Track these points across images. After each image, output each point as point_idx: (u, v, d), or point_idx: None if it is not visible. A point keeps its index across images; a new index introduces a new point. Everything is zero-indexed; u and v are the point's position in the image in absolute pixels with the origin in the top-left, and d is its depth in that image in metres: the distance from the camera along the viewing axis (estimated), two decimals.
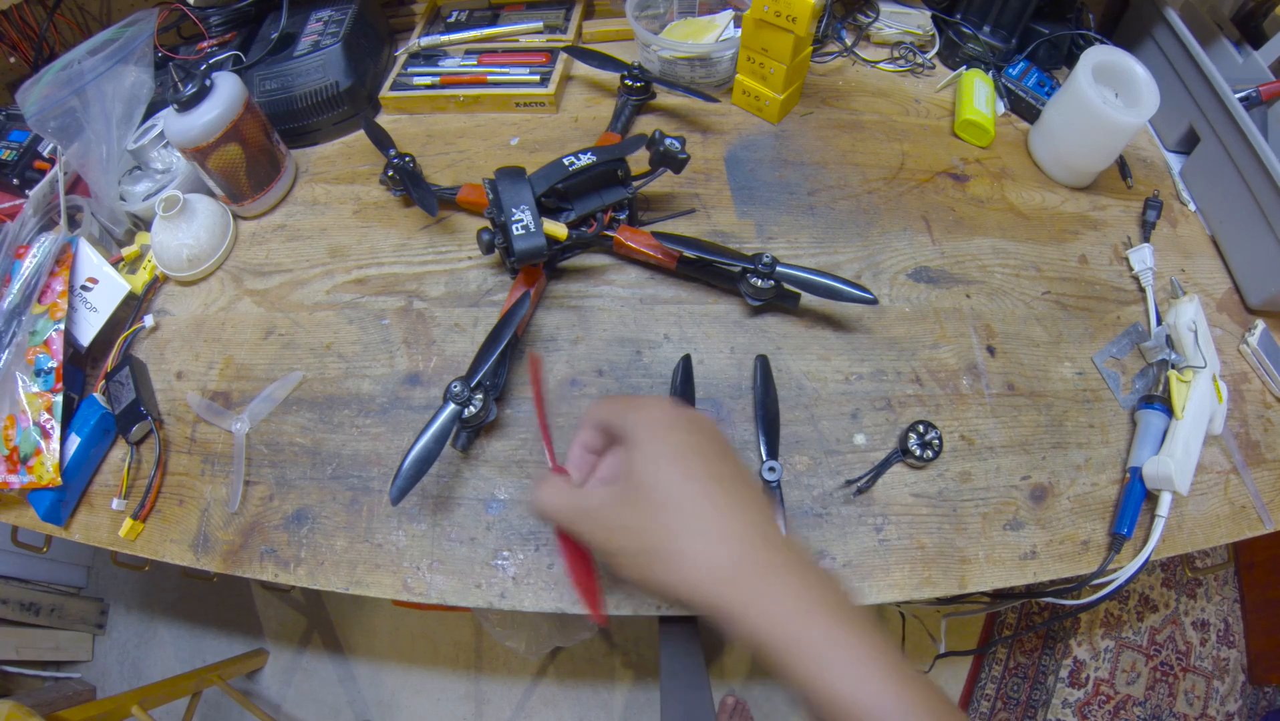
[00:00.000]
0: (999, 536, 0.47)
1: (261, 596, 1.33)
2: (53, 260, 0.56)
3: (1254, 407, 0.53)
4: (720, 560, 0.28)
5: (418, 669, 1.24)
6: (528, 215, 0.49)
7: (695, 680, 0.42)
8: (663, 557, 0.29)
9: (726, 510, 0.29)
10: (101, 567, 1.38)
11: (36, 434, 0.50)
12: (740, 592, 0.28)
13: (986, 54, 0.69)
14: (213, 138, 0.56)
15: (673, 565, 0.29)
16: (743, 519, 0.29)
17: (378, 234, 0.62)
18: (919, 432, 0.48)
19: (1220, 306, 0.58)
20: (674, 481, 0.30)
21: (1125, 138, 0.58)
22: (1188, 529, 0.48)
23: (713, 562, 0.28)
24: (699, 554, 0.28)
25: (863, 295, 0.49)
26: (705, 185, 0.62)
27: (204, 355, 0.57)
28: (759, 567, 0.28)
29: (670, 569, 0.29)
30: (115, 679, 1.30)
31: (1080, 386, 0.53)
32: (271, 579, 0.47)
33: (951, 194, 0.62)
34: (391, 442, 0.51)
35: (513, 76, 0.69)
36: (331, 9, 0.69)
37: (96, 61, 0.59)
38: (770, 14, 0.57)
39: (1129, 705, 1.17)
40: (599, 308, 0.56)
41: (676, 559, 0.29)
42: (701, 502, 0.29)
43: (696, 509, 0.29)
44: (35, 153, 0.64)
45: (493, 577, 0.46)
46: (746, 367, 0.52)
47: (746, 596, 0.27)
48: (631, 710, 1.18)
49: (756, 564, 0.28)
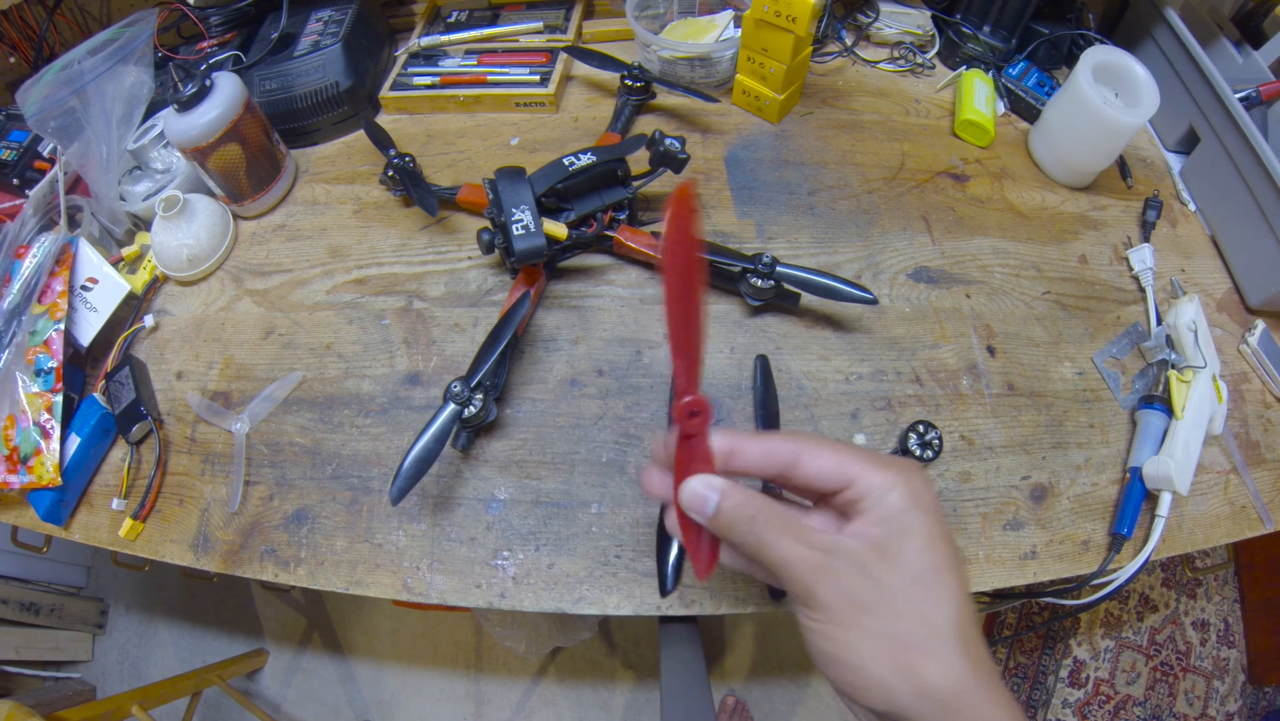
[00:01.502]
0: (999, 536, 0.47)
1: (261, 596, 1.33)
2: (53, 260, 0.56)
3: (1254, 407, 0.53)
4: (973, 675, 0.25)
5: (418, 669, 1.24)
6: (528, 215, 0.49)
7: (695, 680, 0.42)
8: (907, 652, 0.25)
9: (977, 624, 0.26)
10: (101, 567, 1.38)
11: (36, 434, 0.50)
12: (965, 711, 0.24)
13: (986, 54, 0.69)
14: (213, 138, 0.56)
15: (918, 664, 0.25)
16: (975, 628, 0.26)
17: (378, 234, 0.62)
18: (919, 432, 0.48)
19: (1220, 306, 0.58)
20: (946, 573, 0.26)
21: (1125, 138, 0.58)
22: (1188, 529, 0.48)
23: (964, 676, 0.25)
24: (953, 661, 0.25)
25: (863, 295, 0.49)
26: (705, 185, 0.62)
27: (204, 355, 0.57)
28: (985, 691, 0.25)
29: (913, 667, 0.25)
30: (115, 679, 1.30)
31: (1080, 386, 0.53)
32: (271, 579, 0.47)
33: (951, 194, 0.62)
34: (391, 442, 0.51)
35: (513, 76, 0.69)
36: (331, 9, 0.69)
37: (96, 61, 0.59)
38: (770, 14, 0.57)
39: (1129, 705, 1.17)
40: (599, 308, 0.56)
41: (926, 658, 0.25)
42: (968, 604, 0.26)
43: (963, 610, 0.26)
44: (35, 153, 0.64)
45: (493, 577, 0.46)
46: (746, 367, 0.52)
47: (970, 714, 0.24)
48: (631, 710, 1.18)
49: (996, 688, 0.25)
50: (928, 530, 0.26)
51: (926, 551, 0.26)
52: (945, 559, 0.26)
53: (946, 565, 0.26)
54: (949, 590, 0.26)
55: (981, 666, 0.25)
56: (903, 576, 0.26)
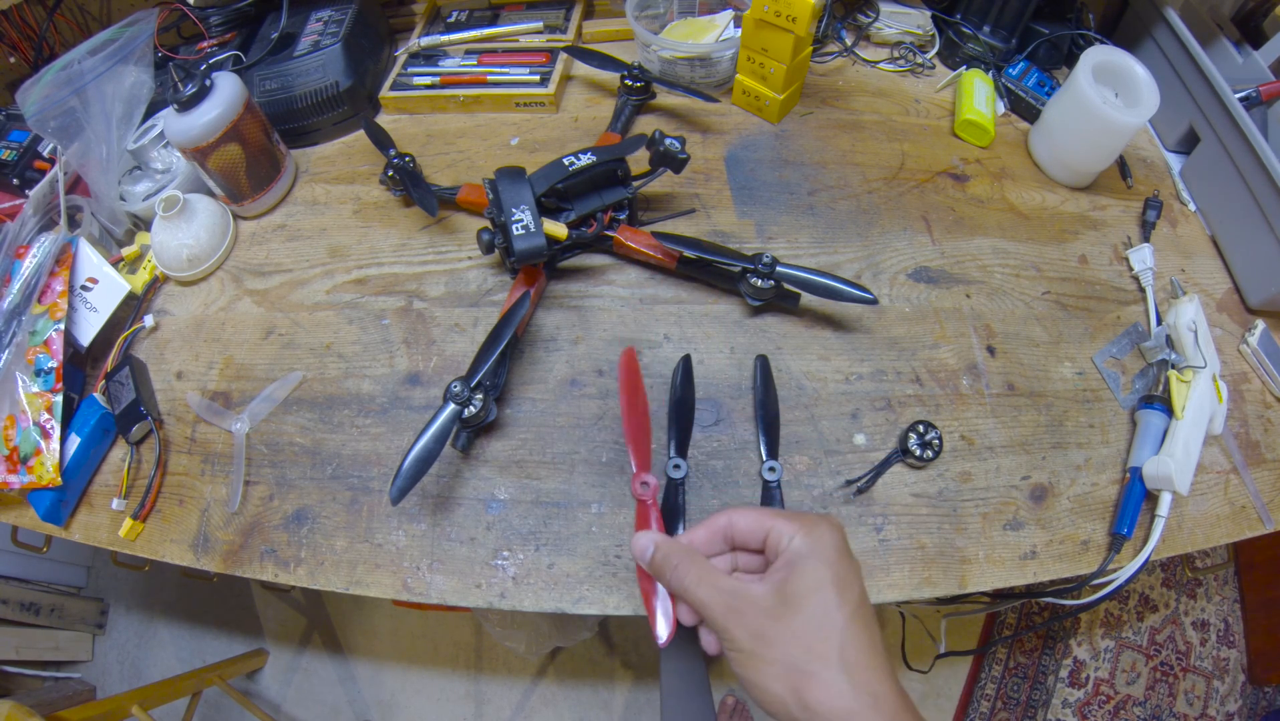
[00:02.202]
0: (999, 536, 0.47)
1: (261, 596, 1.33)
2: (53, 260, 0.56)
3: (1254, 408, 0.53)
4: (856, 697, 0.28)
5: (418, 669, 1.24)
6: (528, 215, 0.49)
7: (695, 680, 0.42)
8: (817, 682, 0.29)
9: (869, 651, 0.30)
10: (101, 567, 1.38)
11: (36, 434, 0.50)
12: None
13: (986, 54, 0.69)
14: (213, 138, 0.56)
15: (805, 687, 0.29)
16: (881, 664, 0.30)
17: (378, 234, 0.62)
18: (919, 432, 0.48)
19: (1220, 306, 0.58)
20: (832, 608, 0.30)
21: (1125, 138, 0.58)
22: (1188, 529, 0.48)
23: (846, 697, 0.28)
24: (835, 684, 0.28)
25: (862, 295, 0.49)
26: (705, 185, 0.62)
27: (204, 355, 0.57)
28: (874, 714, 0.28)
29: (800, 689, 0.29)
30: (115, 679, 1.30)
31: (1080, 386, 0.53)
32: (271, 579, 0.47)
33: (951, 194, 0.62)
34: (391, 443, 0.51)
35: (513, 76, 0.69)
36: (331, 9, 0.69)
37: (96, 61, 0.59)
38: (770, 14, 0.57)
39: (1129, 705, 1.17)
40: (599, 308, 0.56)
41: (812, 682, 0.29)
42: (853, 635, 0.30)
43: (864, 641, 0.30)
44: (35, 153, 0.64)
45: (493, 577, 0.46)
46: (746, 367, 0.52)
47: None
48: (631, 710, 1.18)
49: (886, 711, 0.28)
50: (819, 572, 0.31)
51: (816, 590, 0.30)
52: (835, 596, 0.30)
53: (836, 601, 0.30)
54: (835, 625, 0.29)
55: (871, 690, 0.28)
56: (795, 612, 0.30)
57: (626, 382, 0.47)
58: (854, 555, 0.33)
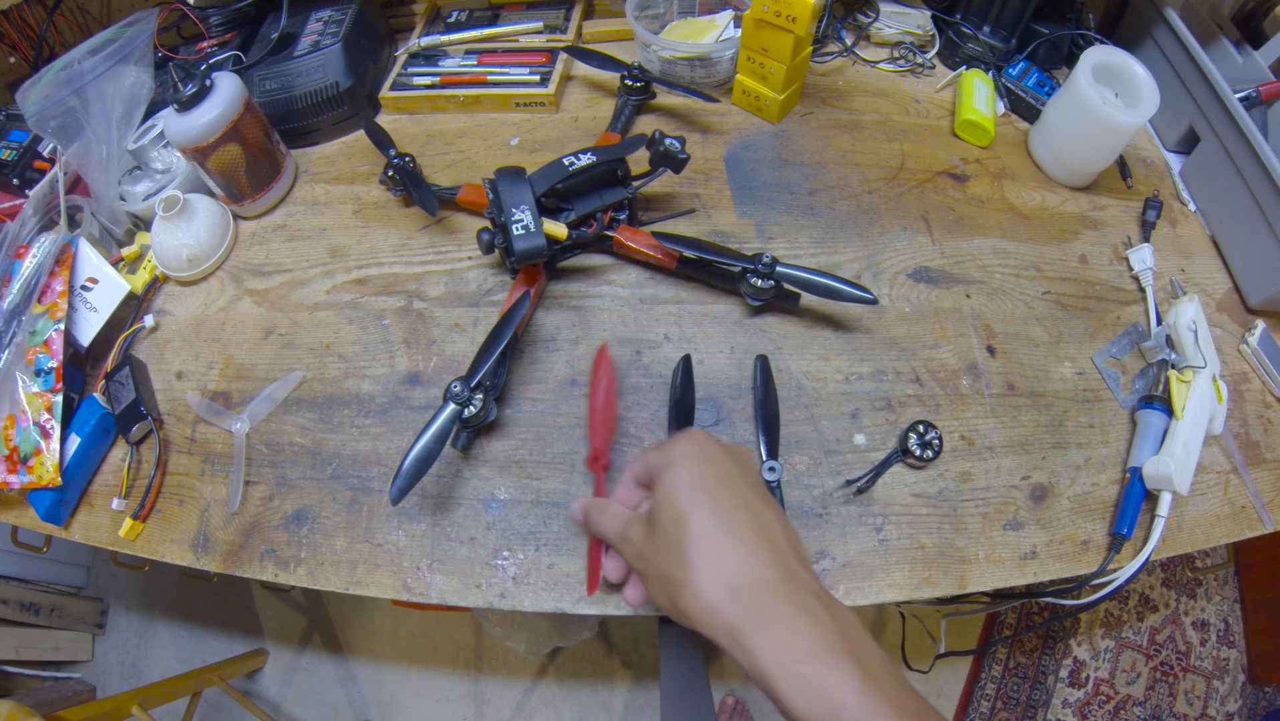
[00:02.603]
0: (999, 536, 0.47)
1: (261, 596, 1.33)
2: (53, 260, 0.56)
3: (1254, 407, 0.53)
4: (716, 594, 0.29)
5: (418, 669, 1.24)
6: (528, 215, 0.49)
7: (695, 680, 0.42)
8: (680, 585, 0.30)
9: (748, 540, 0.30)
10: (101, 567, 1.38)
11: (36, 434, 0.50)
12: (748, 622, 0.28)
13: (986, 54, 0.69)
14: (213, 138, 0.56)
15: (688, 592, 0.30)
16: (764, 548, 0.30)
17: (378, 234, 0.62)
18: (919, 432, 0.48)
19: (1220, 306, 0.58)
20: (695, 510, 0.31)
21: (1125, 138, 0.58)
22: (1188, 529, 0.48)
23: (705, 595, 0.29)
24: (713, 582, 0.29)
25: (862, 295, 0.49)
26: (705, 185, 0.62)
27: (204, 355, 0.57)
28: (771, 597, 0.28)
29: (687, 596, 0.30)
30: (115, 679, 1.30)
31: (1080, 386, 0.53)
32: (271, 579, 0.47)
33: (951, 194, 0.62)
34: (391, 443, 0.51)
35: (513, 76, 0.69)
36: (331, 9, 0.69)
37: (96, 61, 0.59)
38: (770, 14, 0.57)
39: (1129, 705, 1.17)
40: (599, 308, 0.56)
41: (691, 588, 0.30)
42: (722, 531, 0.31)
43: (718, 537, 0.31)
44: (35, 153, 0.64)
45: (493, 577, 0.46)
46: (746, 367, 0.52)
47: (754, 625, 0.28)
48: (631, 710, 1.18)
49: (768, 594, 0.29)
50: (671, 483, 0.33)
51: (666, 501, 0.32)
52: (687, 501, 0.32)
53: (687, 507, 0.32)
54: (687, 530, 0.31)
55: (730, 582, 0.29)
56: (655, 527, 0.33)
57: (595, 374, 0.49)
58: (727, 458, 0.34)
